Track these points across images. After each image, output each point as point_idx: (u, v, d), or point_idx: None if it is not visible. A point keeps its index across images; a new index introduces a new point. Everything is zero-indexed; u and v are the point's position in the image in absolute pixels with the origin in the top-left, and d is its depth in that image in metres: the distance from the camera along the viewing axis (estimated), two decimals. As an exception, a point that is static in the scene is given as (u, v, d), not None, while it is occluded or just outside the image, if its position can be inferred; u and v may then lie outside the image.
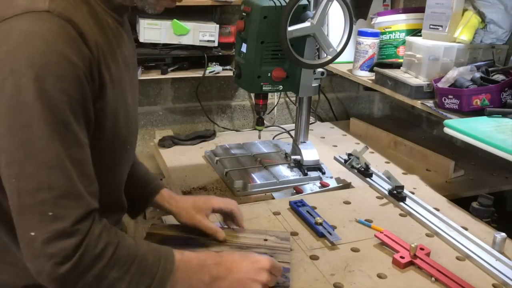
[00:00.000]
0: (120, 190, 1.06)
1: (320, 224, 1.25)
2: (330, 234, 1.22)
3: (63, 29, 0.76)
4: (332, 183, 1.57)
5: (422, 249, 1.16)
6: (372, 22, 1.97)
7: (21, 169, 0.74)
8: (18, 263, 0.89)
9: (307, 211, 1.33)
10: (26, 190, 0.74)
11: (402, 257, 1.13)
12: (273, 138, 2.03)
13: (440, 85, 1.55)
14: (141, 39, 1.81)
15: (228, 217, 1.20)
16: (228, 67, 2.00)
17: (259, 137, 1.72)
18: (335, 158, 1.68)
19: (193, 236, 1.15)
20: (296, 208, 1.35)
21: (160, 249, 0.89)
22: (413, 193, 1.49)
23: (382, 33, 1.92)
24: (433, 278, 1.08)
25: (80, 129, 0.79)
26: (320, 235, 1.23)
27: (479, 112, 1.44)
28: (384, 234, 1.22)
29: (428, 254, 1.15)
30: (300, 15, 1.46)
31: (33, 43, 0.73)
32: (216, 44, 1.88)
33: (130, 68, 0.99)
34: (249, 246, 1.14)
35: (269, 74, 1.51)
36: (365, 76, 1.91)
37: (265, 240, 1.16)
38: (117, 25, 0.94)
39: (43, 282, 0.78)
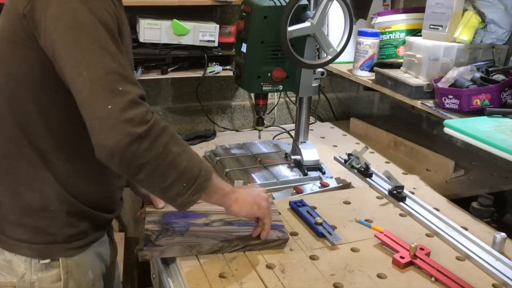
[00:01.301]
0: None
1: (320, 224, 1.25)
2: (330, 234, 1.23)
3: None
4: (332, 183, 1.57)
5: (422, 249, 1.16)
6: (372, 22, 1.97)
7: (89, 62, 0.89)
8: (45, 189, 1.04)
9: (307, 211, 1.33)
10: (97, 75, 0.89)
11: (402, 257, 1.13)
12: (273, 138, 2.03)
13: (440, 85, 1.55)
14: (141, 39, 1.81)
15: None
16: (228, 67, 2.00)
17: (259, 137, 1.72)
18: (335, 158, 1.68)
19: (191, 209, 1.21)
20: (296, 208, 1.35)
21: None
22: (413, 193, 1.49)
23: (382, 33, 1.92)
24: (432, 278, 1.08)
25: (120, 45, 0.95)
26: (320, 235, 1.23)
27: (479, 112, 1.44)
28: (384, 234, 1.22)
29: (428, 254, 1.16)
30: (300, 15, 1.46)
31: None
32: (216, 44, 1.88)
33: (129, 36, 1.13)
34: None
35: (269, 74, 1.51)
36: (365, 76, 1.91)
37: None
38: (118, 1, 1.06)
39: (122, 150, 0.88)
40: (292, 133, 1.87)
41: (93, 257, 1.15)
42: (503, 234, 1.21)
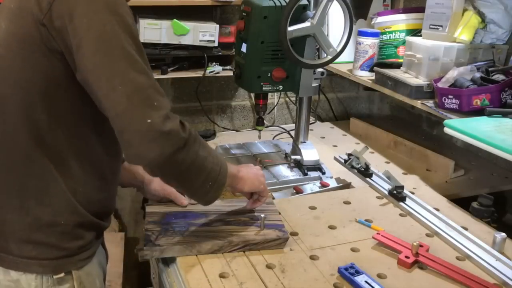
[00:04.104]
0: None
1: None
2: None
3: None
4: (332, 183, 1.57)
5: (421, 245, 1.16)
6: (372, 22, 1.97)
7: (124, 77, 0.91)
8: (54, 203, 1.02)
9: (366, 282, 1.05)
10: (133, 90, 0.92)
11: (407, 257, 1.13)
12: (273, 138, 2.03)
13: (440, 85, 1.55)
14: (141, 39, 1.80)
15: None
16: (228, 67, 2.00)
17: (259, 137, 1.72)
18: (335, 158, 1.68)
19: (190, 210, 1.29)
20: (350, 278, 1.06)
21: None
22: (413, 193, 1.49)
23: (382, 33, 1.92)
24: None
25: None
26: None
27: (479, 112, 1.44)
28: (382, 235, 1.21)
29: (427, 250, 1.16)
30: (300, 15, 1.46)
31: None
32: (216, 44, 1.88)
33: None
34: (243, 212, 1.29)
35: (269, 74, 1.51)
36: (365, 76, 1.91)
37: None
38: None
39: (163, 161, 0.95)
40: (292, 133, 1.87)
41: (97, 266, 1.15)
42: (503, 234, 1.21)
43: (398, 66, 1.79)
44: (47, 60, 0.94)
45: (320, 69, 1.56)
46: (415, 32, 1.87)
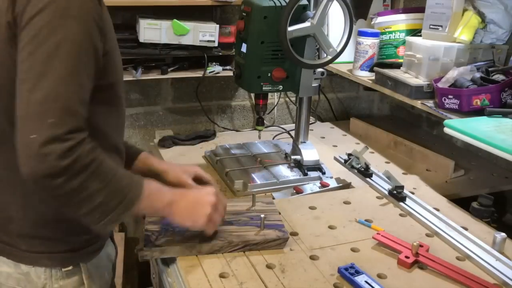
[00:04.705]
0: (121, 136, 1.16)
1: None
2: None
3: None
4: (332, 183, 1.57)
5: (421, 245, 1.16)
6: (372, 22, 1.97)
7: (35, 84, 0.87)
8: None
9: (366, 282, 1.05)
10: (35, 100, 0.87)
11: (407, 257, 1.13)
12: (273, 138, 2.03)
13: (440, 85, 1.55)
14: (141, 39, 1.80)
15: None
16: (228, 67, 2.00)
17: (259, 137, 1.72)
18: (335, 158, 1.68)
19: None
20: (350, 277, 1.07)
21: (132, 176, 1.03)
22: (413, 193, 1.49)
23: (382, 33, 1.92)
24: None
25: (90, 63, 0.92)
26: None
27: (479, 112, 1.44)
28: (382, 235, 1.22)
29: (427, 250, 1.16)
30: (300, 15, 1.46)
31: None
32: (216, 44, 1.88)
33: (113, 32, 1.09)
34: (242, 212, 1.28)
35: (269, 74, 1.51)
36: (365, 76, 1.91)
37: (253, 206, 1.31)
38: None
39: (33, 181, 0.89)
40: (292, 133, 1.87)
41: (105, 258, 1.16)
42: (503, 234, 1.21)
43: (398, 66, 1.79)
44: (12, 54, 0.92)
45: (320, 69, 1.56)
46: (415, 32, 1.87)
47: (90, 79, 0.94)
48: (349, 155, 1.63)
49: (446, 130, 1.38)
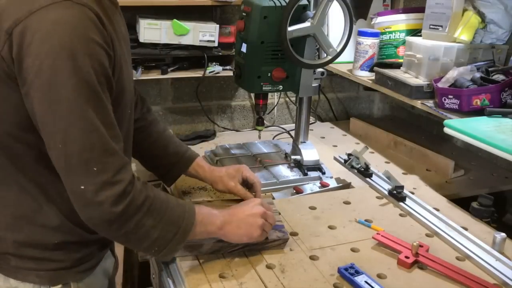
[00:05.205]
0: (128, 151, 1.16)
1: None
2: None
3: (84, 13, 0.87)
4: (332, 183, 1.57)
5: (421, 246, 1.16)
6: (372, 22, 1.97)
7: (65, 136, 0.87)
8: (48, 223, 1.01)
9: (366, 282, 1.05)
10: (71, 153, 0.87)
11: (407, 257, 1.13)
12: (273, 138, 2.03)
13: (440, 85, 1.55)
14: (141, 39, 1.80)
15: (248, 187, 1.36)
16: (228, 67, 2.00)
17: (259, 137, 1.71)
18: (335, 158, 1.68)
19: None
20: (350, 278, 1.06)
21: (185, 204, 1.05)
22: (413, 193, 1.49)
23: (382, 33, 1.92)
24: None
25: (106, 97, 0.91)
26: None
27: (479, 112, 1.44)
28: (382, 235, 1.22)
29: (427, 250, 1.16)
30: (300, 15, 1.46)
31: (62, 28, 0.85)
32: (216, 44, 1.88)
33: (126, 42, 1.09)
34: None
35: (269, 74, 1.51)
36: (365, 76, 1.91)
37: None
38: (111, 4, 1.01)
39: (93, 227, 0.93)
40: (292, 133, 1.87)
41: (101, 275, 1.14)
42: (503, 234, 1.21)
43: (398, 66, 1.79)
44: (15, 92, 0.90)
45: (320, 69, 1.56)
46: (415, 32, 1.87)
47: (110, 109, 0.93)
48: (349, 155, 1.63)
49: (446, 130, 1.38)
